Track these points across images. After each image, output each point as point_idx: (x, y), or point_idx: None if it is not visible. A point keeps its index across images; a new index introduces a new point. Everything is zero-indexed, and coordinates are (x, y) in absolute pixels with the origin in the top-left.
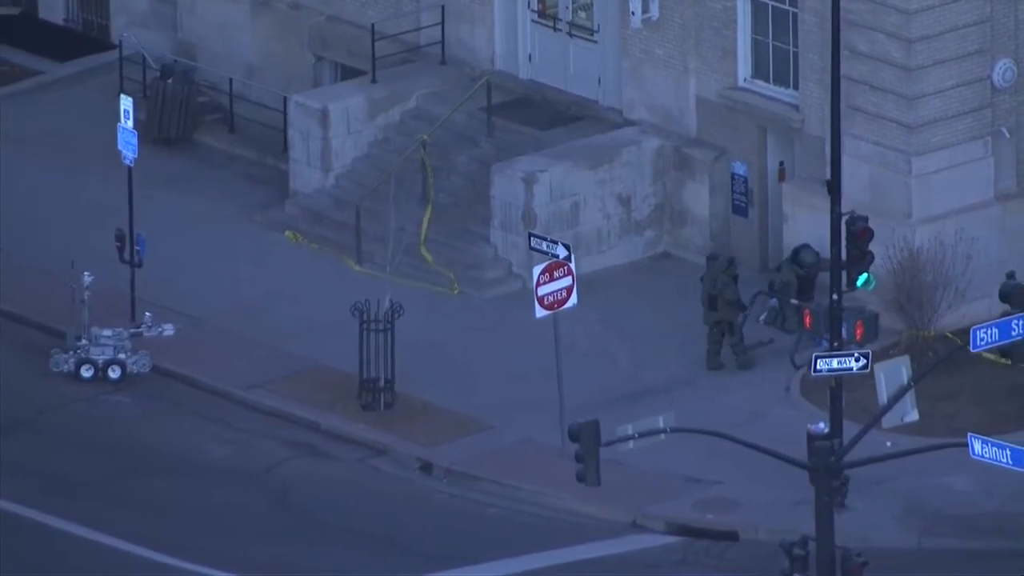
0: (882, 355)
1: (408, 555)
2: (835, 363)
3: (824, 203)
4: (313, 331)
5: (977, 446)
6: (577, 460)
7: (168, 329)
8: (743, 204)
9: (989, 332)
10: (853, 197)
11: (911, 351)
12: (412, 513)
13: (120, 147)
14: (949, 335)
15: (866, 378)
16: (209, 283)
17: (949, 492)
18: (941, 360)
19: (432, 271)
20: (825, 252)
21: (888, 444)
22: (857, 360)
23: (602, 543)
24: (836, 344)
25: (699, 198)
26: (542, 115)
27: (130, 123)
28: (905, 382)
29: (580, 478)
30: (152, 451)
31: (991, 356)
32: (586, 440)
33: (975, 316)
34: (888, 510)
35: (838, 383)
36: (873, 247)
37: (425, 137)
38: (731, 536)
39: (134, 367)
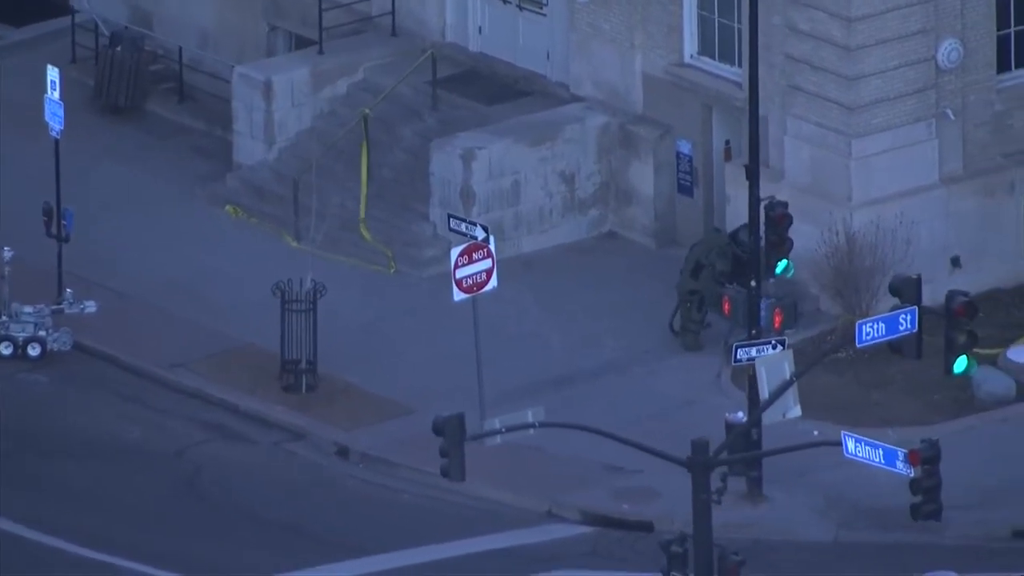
0: (819, 340)
1: (312, 544)
2: (754, 351)
3: (767, 185)
4: (243, 309)
5: (850, 445)
6: (441, 455)
7: (90, 306)
8: (688, 183)
9: (876, 327)
10: (794, 178)
11: (847, 336)
12: (322, 500)
13: (47, 118)
14: None
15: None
16: (142, 258)
17: (872, 484)
18: (826, 354)
19: (370, 248)
20: None
21: (815, 433)
22: (774, 348)
23: (513, 533)
24: (755, 332)
25: (644, 177)
26: (489, 89)
27: (56, 94)
28: (787, 377)
29: (444, 473)
30: (65, 432)
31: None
32: (450, 434)
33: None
34: (808, 502)
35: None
36: (813, 230)
37: (367, 111)
38: (646, 527)
39: (54, 345)
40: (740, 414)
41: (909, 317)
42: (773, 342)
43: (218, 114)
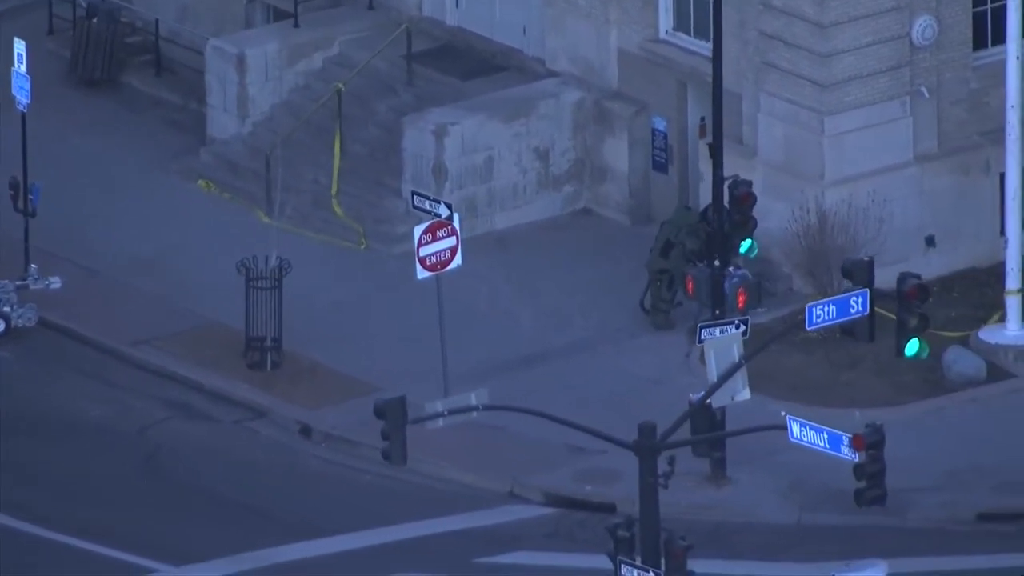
0: (790, 319)
1: (270, 524)
2: (717, 332)
3: (741, 162)
4: (211, 286)
5: (795, 429)
6: (383, 437)
7: (55, 282)
8: (663, 160)
9: (826, 309)
10: (767, 156)
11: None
12: (283, 479)
13: (14, 92)
14: None
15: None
16: (111, 233)
17: (838, 466)
18: (775, 338)
19: (341, 224)
20: None
21: (782, 414)
22: (738, 327)
23: (474, 514)
24: (719, 312)
25: (618, 153)
26: (465, 64)
27: (23, 67)
28: (736, 360)
29: (385, 456)
30: (27, 409)
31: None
32: (392, 417)
33: (888, 282)
34: (773, 484)
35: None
36: (786, 208)
37: (340, 86)
38: (608, 508)
39: (19, 320)
40: (703, 394)
41: (860, 300)
42: (737, 322)
43: (195, 88)
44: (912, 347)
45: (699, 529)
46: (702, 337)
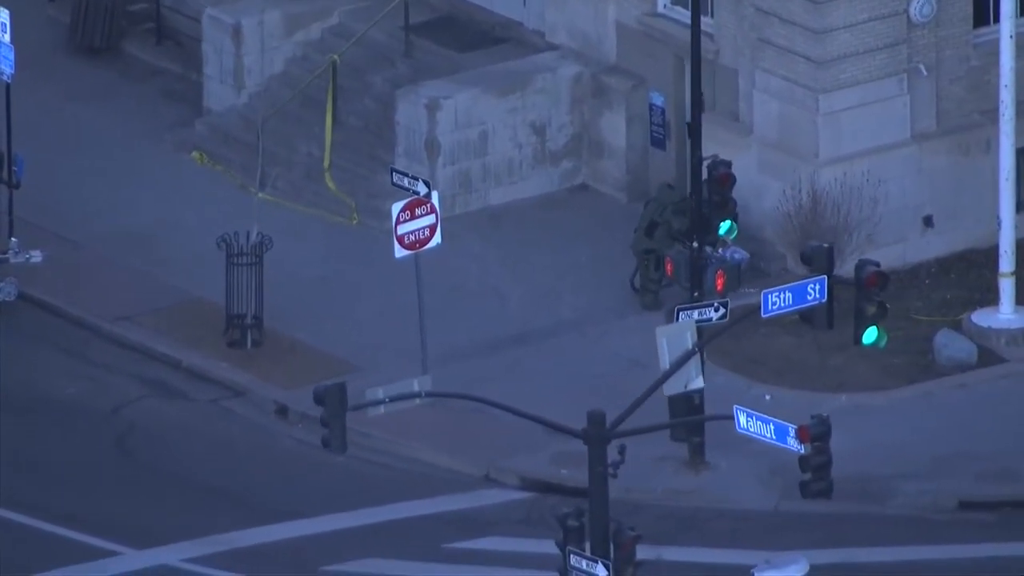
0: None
1: (238, 507)
2: (696, 314)
3: (736, 139)
4: (197, 261)
5: (742, 419)
6: (322, 424)
7: (36, 256)
8: (661, 136)
9: (782, 296)
10: (762, 134)
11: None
12: (255, 460)
13: None
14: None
15: (757, 326)
16: (100, 206)
17: None
18: (733, 324)
19: (333, 198)
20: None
21: (767, 398)
22: (716, 310)
23: (447, 498)
24: (697, 294)
25: (616, 129)
26: (464, 36)
27: (7, 36)
28: (689, 347)
29: (325, 444)
30: (1, 386)
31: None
32: (331, 404)
33: (885, 263)
34: (752, 470)
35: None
36: (781, 187)
37: (335, 57)
38: (584, 493)
39: None
40: None
41: (818, 287)
42: (716, 304)
43: (196, 57)
44: (870, 335)
45: (677, 515)
46: (679, 320)
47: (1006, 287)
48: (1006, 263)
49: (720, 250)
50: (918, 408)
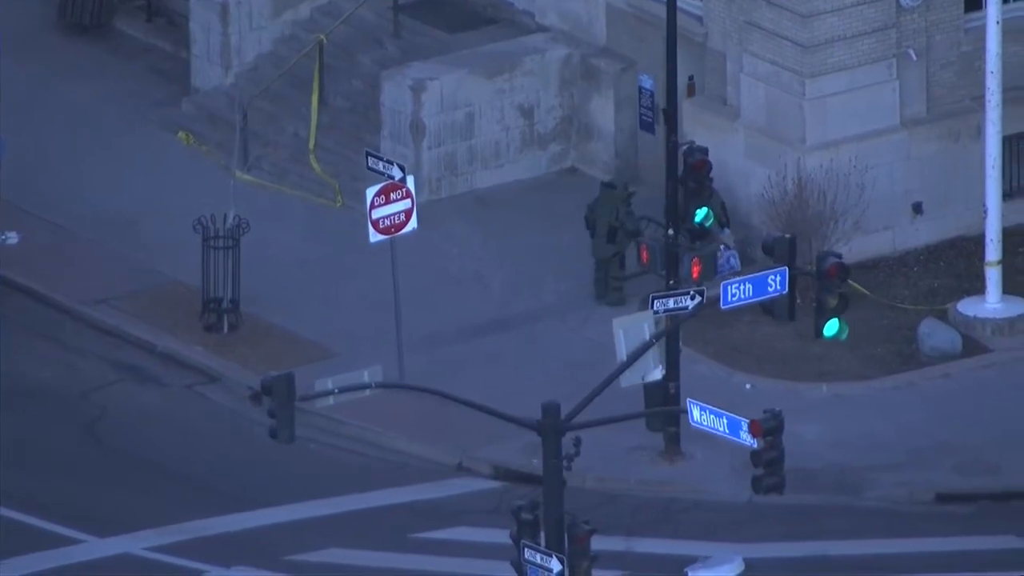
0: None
1: (206, 494)
2: (671, 302)
3: (724, 123)
4: (179, 243)
5: (696, 413)
6: (270, 415)
7: (12, 237)
8: (650, 120)
9: (743, 287)
10: (750, 118)
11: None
12: (226, 447)
13: None
14: None
15: (739, 314)
16: (83, 187)
17: (798, 442)
18: (691, 314)
19: (318, 180)
20: (716, 173)
21: (747, 386)
22: (693, 298)
23: (419, 487)
24: (672, 282)
25: (605, 112)
26: (455, 16)
27: None
28: (647, 339)
29: (272, 435)
30: None
31: (862, 290)
32: (279, 394)
33: (873, 250)
34: (728, 461)
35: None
36: (767, 173)
37: (322, 37)
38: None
39: None
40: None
41: (778, 278)
42: (692, 292)
43: (186, 35)
44: (831, 327)
45: (651, 506)
46: (655, 308)
47: (992, 276)
48: (992, 252)
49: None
50: (899, 398)
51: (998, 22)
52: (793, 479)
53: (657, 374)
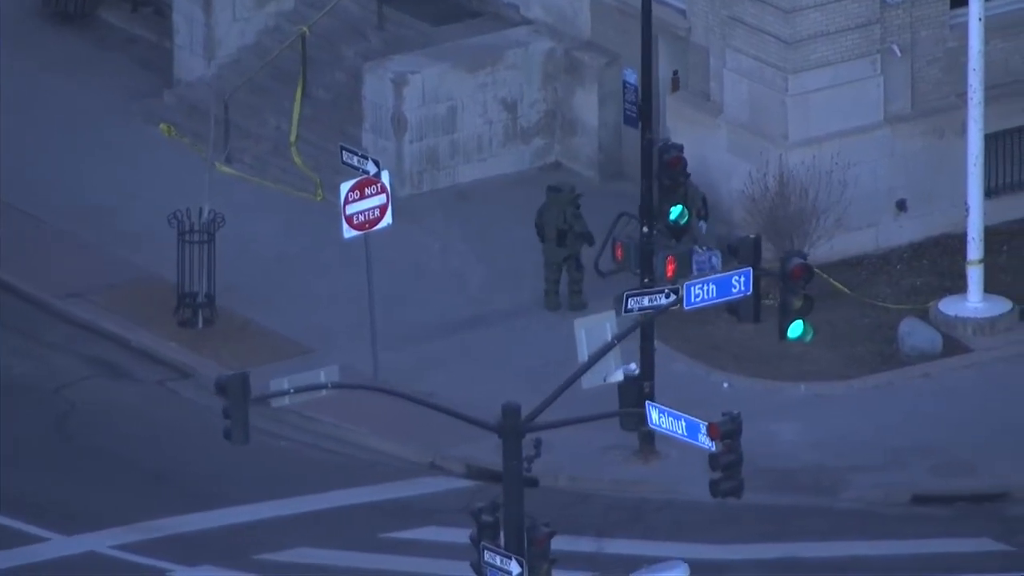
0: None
1: (174, 492)
2: (645, 301)
3: (707, 118)
4: (158, 237)
5: (654, 415)
6: (224, 416)
7: None
8: (634, 114)
9: (706, 288)
10: (733, 114)
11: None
12: (196, 443)
13: None
14: (817, 270)
15: (719, 311)
16: (64, 179)
17: (774, 442)
18: (657, 314)
19: (299, 174)
20: (699, 169)
21: (725, 385)
22: (667, 296)
23: (390, 485)
24: (647, 280)
25: (588, 106)
26: (439, 8)
27: None
28: (609, 339)
29: (226, 435)
30: None
31: (843, 288)
32: (233, 394)
33: (857, 247)
34: (702, 460)
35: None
36: (747, 169)
37: (304, 29)
38: (530, 483)
39: None
40: (632, 366)
41: (743, 279)
42: (666, 291)
43: (170, 26)
44: (796, 329)
45: (623, 506)
46: (628, 307)
47: (974, 275)
48: (974, 251)
49: (698, 253)
50: (878, 398)
51: (981, 19)
52: (770, 479)
53: (619, 375)
